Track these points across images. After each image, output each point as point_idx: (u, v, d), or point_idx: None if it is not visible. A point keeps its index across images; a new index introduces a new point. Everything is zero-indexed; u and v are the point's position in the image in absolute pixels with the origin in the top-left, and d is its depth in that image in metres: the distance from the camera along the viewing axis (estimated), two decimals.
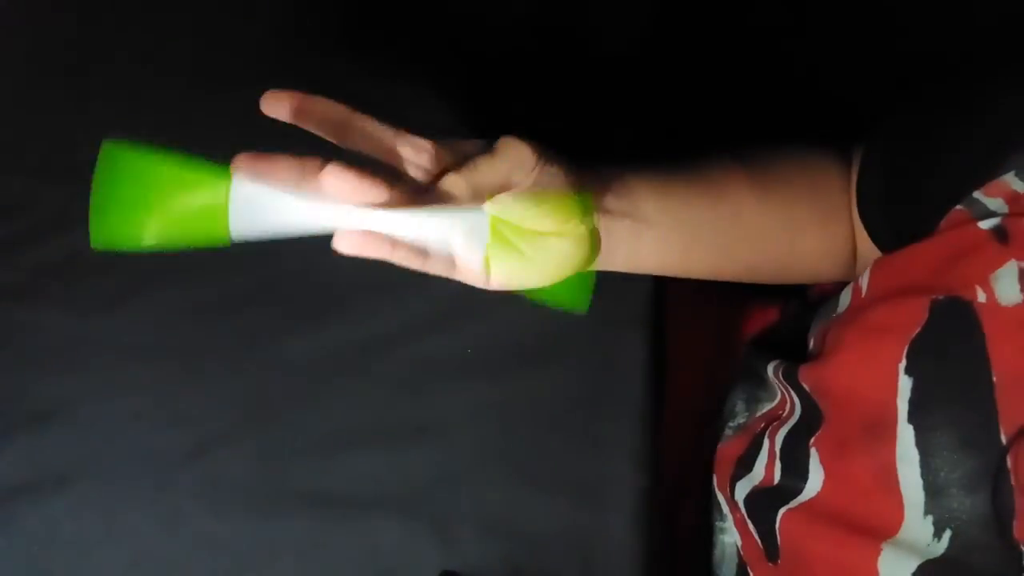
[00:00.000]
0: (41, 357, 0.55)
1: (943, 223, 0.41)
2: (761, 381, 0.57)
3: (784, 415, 0.51)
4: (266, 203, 0.37)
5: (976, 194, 0.39)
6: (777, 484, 0.49)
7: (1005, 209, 0.38)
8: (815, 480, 0.45)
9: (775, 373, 0.53)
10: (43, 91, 0.62)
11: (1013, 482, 0.35)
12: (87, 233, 0.59)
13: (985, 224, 0.38)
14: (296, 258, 0.57)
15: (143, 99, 0.62)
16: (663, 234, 0.47)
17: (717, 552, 0.57)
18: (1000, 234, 0.37)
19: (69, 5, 0.64)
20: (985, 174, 0.40)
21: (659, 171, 0.48)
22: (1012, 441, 0.35)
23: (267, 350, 0.55)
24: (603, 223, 0.45)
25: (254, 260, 0.57)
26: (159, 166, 0.37)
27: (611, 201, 0.45)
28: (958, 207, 0.40)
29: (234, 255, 0.58)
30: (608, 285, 0.55)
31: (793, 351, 0.54)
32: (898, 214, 0.48)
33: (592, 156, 0.45)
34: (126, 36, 0.63)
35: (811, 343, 0.53)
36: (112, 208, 0.37)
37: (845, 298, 0.49)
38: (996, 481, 0.35)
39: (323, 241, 0.57)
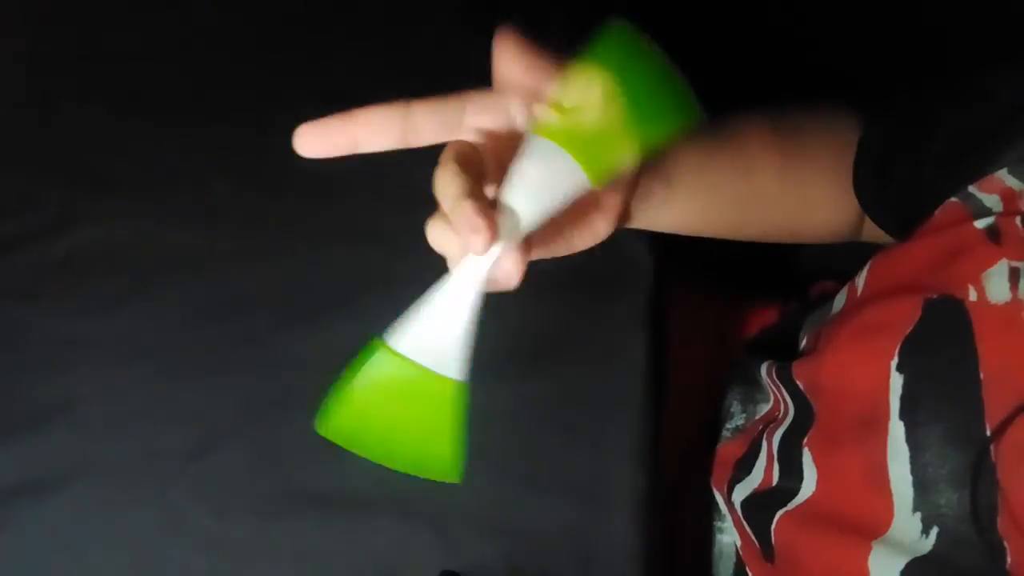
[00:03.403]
0: (41, 357, 0.55)
1: (938, 216, 0.41)
2: (756, 383, 0.57)
3: (780, 416, 0.51)
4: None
5: (971, 188, 0.40)
6: (775, 486, 0.49)
7: (1000, 207, 0.38)
8: (809, 480, 0.45)
9: (768, 374, 0.53)
10: (43, 91, 0.62)
11: (997, 477, 0.35)
12: (87, 233, 0.59)
13: (980, 223, 0.38)
14: (296, 258, 0.57)
15: (143, 99, 0.62)
16: (688, 201, 0.47)
17: (715, 551, 0.57)
18: (993, 233, 0.38)
19: (69, 5, 0.64)
20: (978, 166, 0.40)
21: (695, 139, 0.46)
22: (995, 433, 0.35)
23: (267, 350, 0.55)
24: (639, 192, 0.44)
25: (254, 260, 0.57)
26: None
27: (649, 175, 0.44)
28: (953, 200, 0.40)
29: (234, 255, 0.58)
30: (608, 285, 0.55)
31: (786, 352, 0.55)
32: (890, 198, 0.48)
33: None
34: (126, 36, 0.63)
35: (803, 342, 0.53)
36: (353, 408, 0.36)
37: (840, 299, 0.49)
38: (980, 477, 0.35)
39: (322, 240, 0.57)
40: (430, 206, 0.49)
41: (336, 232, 0.57)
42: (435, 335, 0.34)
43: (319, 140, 0.38)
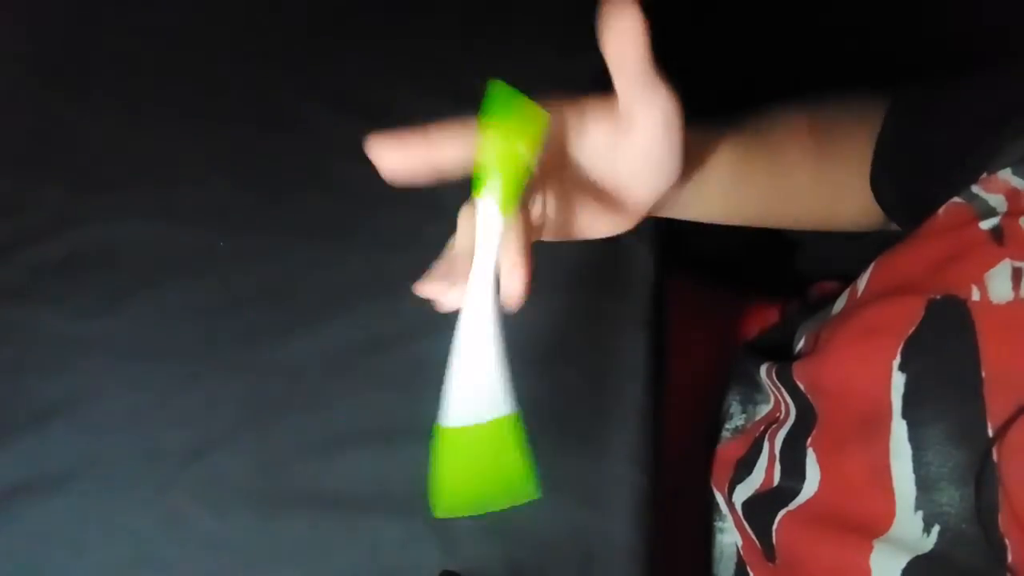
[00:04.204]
0: (41, 357, 0.55)
1: (942, 217, 0.41)
2: (756, 383, 0.57)
3: (781, 417, 0.51)
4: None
5: (975, 189, 0.40)
6: (776, 486, 0.49)
7: (1004, 207, 0.38)
8: (812, 480, 0.45)
9: (767, 375, 0.53)
10: (43, 91, 0.62)
11: (999, 475, 0.35)
12: (87, 233, 0.59)
13: (985, 224, 0.38)
14: (297, 258, 0.57)
15: (143, 99, 0.62)
16: (720, 194, 0.47)
17: (716, 552, 0.57)
18: (997, 234, 0.38)
19: (69, 5, 0.64)
20: (981, 165, 0.40)
21: (733, 136, 0.47)
22: (998, 433, 0.35)
23: (267, 350, 0.55)
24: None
25: (254, 260, 0.57)
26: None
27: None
28: (957, 200, 0.40)
29: (234, 255, 0.58)
30: (608, 285, 0.55)
31: (785, 353, 0.55)
32: (899, 194, 0.48)
33: None
34: (126, 36, 0.63)
35: (800, 344, 0.53)
36: (451, 482, 0.38)
37: (841, 302, 0.49)
38: (981, 474, 0.35)
39: (322, 240, 0.57)
40: (429, 207, 0.49)
41: (336, 232, 0.57)
42: (474, 389, 0.37)
43: (398, 156, 0.36)
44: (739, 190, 0.48)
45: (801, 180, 0.49)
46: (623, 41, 0.34)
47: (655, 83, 0.35)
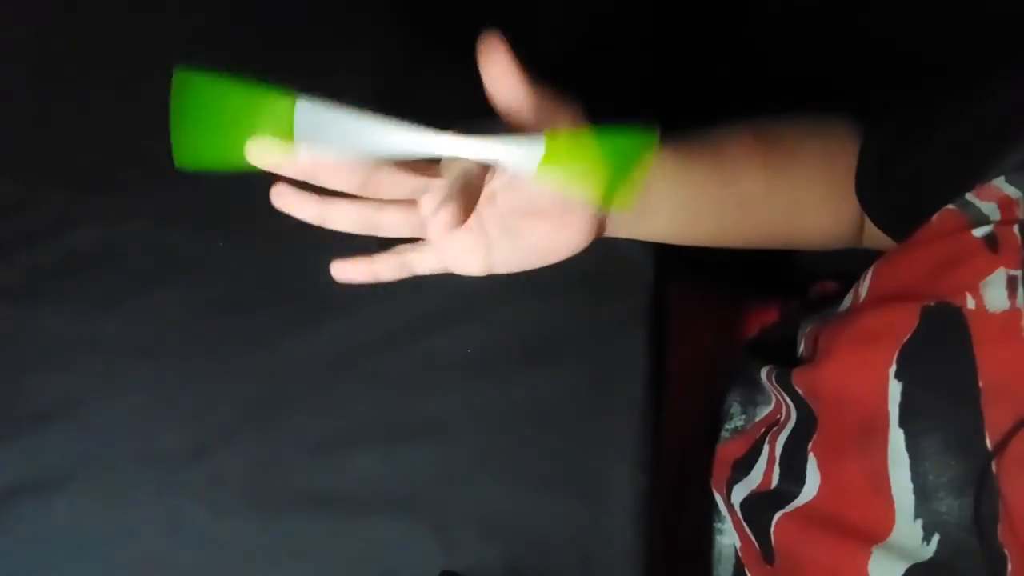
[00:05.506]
0: (41, 357, 0.55)
1: (937, 224, 0.41)
2: (756, 385, 0.57)
3: (782, 420, 0.51)
4: (331, 125, 0.39)
5: (969, 196, 0.40)
6: (774, 488, 0.49)
7: (998, 215, 0.38)
8: (811, 484, 0.45)
9: (768, 378, 0.53)
10: (43, 91, 0.62)
11: (998, 487, 0.35)
12: (87, 233, 0.59)
13: (978, 232, 0.38)
14: (297, 258, 0.57)
15: (143, 99, 0.62)
16: (669, 209, 0.47)
17: (715, 553, 0.57)
18: (991, 242, 0.38)
19: (69, 5, 0.64)
20: (975, 174, 0.40)
21: (673, 147, 0.47)
22: (997, 446, 0.35)
23: (267, 350, 0.55)
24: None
25: (254, 260, 0.57)
26: (229, 91, 0.40)
27: None
28: (951, 207, 0.40)
29: (234, 255, 0.58)
30: (608, 285, 0.55)
31: (785, 354, 0.55)
32: (892, 202, 0.48)
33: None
34: (126, 36, 0.63)
35: (800, 346, 0.53)
36: (190, 132, 0.41)
37: (844, 305, 0.49)
38: (981, 486, 0.35)
39: (322, 241, 0.57)
40: None
41: (336, 232, 0.57)
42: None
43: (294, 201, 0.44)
44: (686, 207, 0.48)
45: (751, 192, 0.48)
46: (504, 83, 0.37)
47: (552, 99, 0.38)
